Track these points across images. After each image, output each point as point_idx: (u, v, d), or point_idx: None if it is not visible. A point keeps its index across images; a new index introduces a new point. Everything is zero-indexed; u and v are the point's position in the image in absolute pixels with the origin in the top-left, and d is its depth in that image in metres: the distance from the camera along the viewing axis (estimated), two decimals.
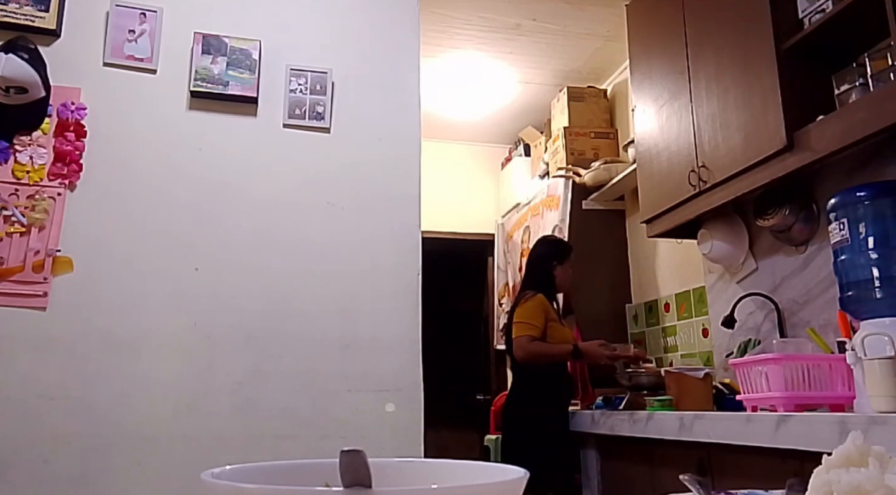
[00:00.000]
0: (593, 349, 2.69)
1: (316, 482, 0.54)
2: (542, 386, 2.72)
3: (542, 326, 2.69)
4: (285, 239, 2.29)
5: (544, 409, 2.69)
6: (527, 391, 2.76)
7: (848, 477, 0.50)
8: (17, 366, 1.99)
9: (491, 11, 3.39)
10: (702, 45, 2.49)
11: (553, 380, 2.73)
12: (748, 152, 2.19)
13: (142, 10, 2.30)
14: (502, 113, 4.49)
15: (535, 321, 2.70)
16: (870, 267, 1.69)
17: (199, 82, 2.30)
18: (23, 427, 1.96)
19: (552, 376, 2.73)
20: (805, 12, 2.07)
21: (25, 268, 2.03)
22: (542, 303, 2.75)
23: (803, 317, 2.39)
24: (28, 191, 2.09)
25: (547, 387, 2.72)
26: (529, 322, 2.70)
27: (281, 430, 2.13)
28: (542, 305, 2.74)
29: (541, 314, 2.72)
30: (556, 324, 2.76)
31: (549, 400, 2.71)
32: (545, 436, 2.63)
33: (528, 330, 2.69)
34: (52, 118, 2.15)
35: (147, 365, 2.09)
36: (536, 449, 2.59)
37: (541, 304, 2.75)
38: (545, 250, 2.96)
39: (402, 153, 2.47)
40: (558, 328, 2.76)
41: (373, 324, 2.30)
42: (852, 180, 2.11)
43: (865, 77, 1.92)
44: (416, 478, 0.60)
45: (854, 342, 1.63)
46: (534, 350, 2.67)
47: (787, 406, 1.74)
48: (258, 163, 2.33)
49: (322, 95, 2.42)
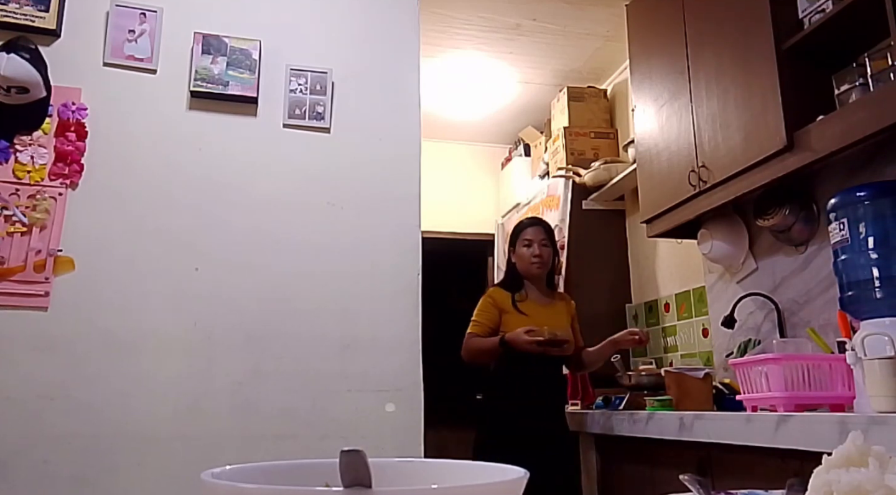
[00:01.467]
0: (516, 337, 2.44)
1: (316, 482, 0.54)
2: (494, 384, 2.57)
3: (489, 321, 2.56)
4: (285, 239, 2.29)
5: (496, 406, 2.54)
6: (484, 389, 2.64)
7: (848, 477, 0.50)
8: (18, 365, 1.99)
9: (491, 11, 3.39)
10: (702, 45, 2.49)
11: (510, 377, 2.51)
12: (748, 152, 2.19)
13: (142, 10, 2.30)
14: (502, 113, 4.49)
15: (479, 317, 2.58)
16: (870, 267, 1.69)
17: (199, 82, 2.30)
18: (23, 427, 1.96)
19: (509, 373, 2.52)
20: (805, 12, 2.07)
21: (27, 268, 2.03)
22: (489, 297, 2.63)
23: (803, 317, 2.39)
24: (29, 191, 2.09)
25: (497, 384, 2.55)
26: (474, 319, 2.59)
27: (281, 430, 2.13)
28: (489, 299, 2.62)
29: (488, 308, 2.59)
30: (515, 316, 2.55)
31: (500, 398, 2.53)
32: (493, 435, 2.48)
33: (470, 327, 2.58)
34: (53, 118, 2.15)
35: (147, 365, 2.09)
36: (480, 449, 2.50)
37: (488, 299, 2.62)
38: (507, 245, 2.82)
39: (402, 153, 2.47)
40: (517, 320, 2.54)
41: (373, 324, 2.30)
42: (852, 180, 2.11)
43: (865, 77, 1.92)
44: (416, 478, 0.60)
45: (854, 342, 1.63)
46: (467, 346, 2.55)
47: (787, 406, 1.74)
48: (258, 164, 2.33)
49: (322, 95, 2.42)
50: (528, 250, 2.62)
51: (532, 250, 2.61)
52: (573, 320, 2.73)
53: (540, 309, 2.62)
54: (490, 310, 2.59)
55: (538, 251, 2.61)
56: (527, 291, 2.64)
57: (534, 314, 2.57)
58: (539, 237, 2.63)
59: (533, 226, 2.69)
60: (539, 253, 2.61)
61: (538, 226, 2.69)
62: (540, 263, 2.62)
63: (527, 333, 2.43)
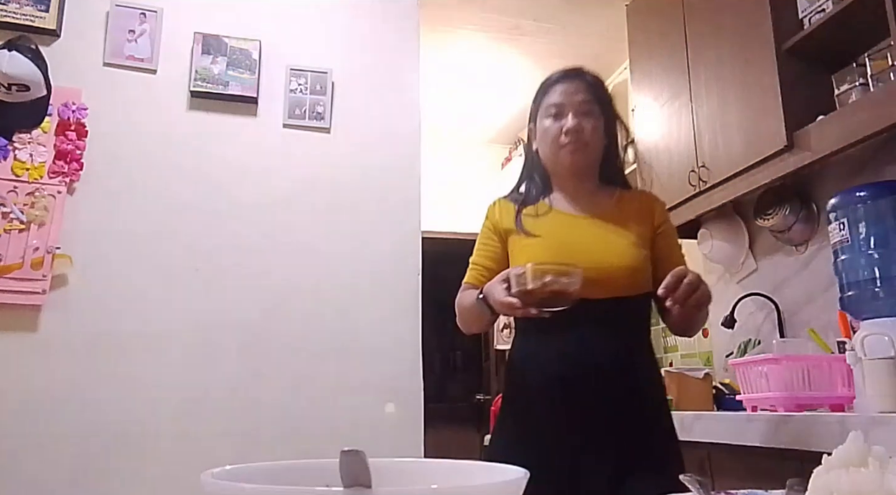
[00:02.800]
0: (490, 291, 1.33)
1: (316, 482, 0.54)
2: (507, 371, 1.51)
3: (489, 259, 1.49)
4: (285, 238, 2.29)
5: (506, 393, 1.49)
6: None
7: (848, 477, 0.50)
8: (16, 363, 1.99)
9: (491, 11, 3.39)
10: (702, 45, 2.49)
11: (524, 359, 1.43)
12: (748, 152, 2.19)
13: (142, 10, 2.30)
14: (502, 113, 4.49)
15: (476, 254, 1.53)
16: (870, 267, 1.69)
17: (199, 82, 2.30)
18: (22, 425, 1.95)
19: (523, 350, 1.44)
20: (805, 12, 2.07)
21: (24, 265, 2.03)
22: (488, 217, 1.53)
23: (803, 317, 2.39)
24: (27, 189, 2.09)
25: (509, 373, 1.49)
26: (471, 259, 1.54)
27: (281, 430, 2.13)
28: (486, 222, 1.53)
29: (485, 237, 1.52)
30: (520, 241, 1.45)
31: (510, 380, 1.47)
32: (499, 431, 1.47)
33: (466, 275, 1.53)
34: (53, 118, 2.15)
35: (147, 364, 2.08)
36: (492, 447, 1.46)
37: (486, 221, 1.53)
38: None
39: (402, 153, 2.47)
40: (522, 248, 1.44)
41: (373, 324, 2.29)
42: (852, 180, 2.11)
43: (865, 77, 1.92)
44: (416, 478, 0.60)
45: (854, 342, 1.63)
46: (457, 307, 1.53)
47: (787, 406, 1.74)
48: (258, 164, 2.33)
49: (322, 95, 2.42)
50: (556, 124, 1.44)
51: (562, 123, 1.43)
52: (662, 237, 1.49)
53: (570, 222, 1.45)
54: (489, 240, 1.51)
55: (573, 123, 1.42)
56: (552, 199, 1.50)
57: (553, 232, 1.44)
58: (576, 99, 1.45)
59: (564, 82, 1.49)
60: (575, 126, 1.42)
61: (575, 81, 1.49)
62: (576, 146, 1.43)
63: (502, 283, 1.29)
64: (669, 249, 1.50)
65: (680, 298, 1.21)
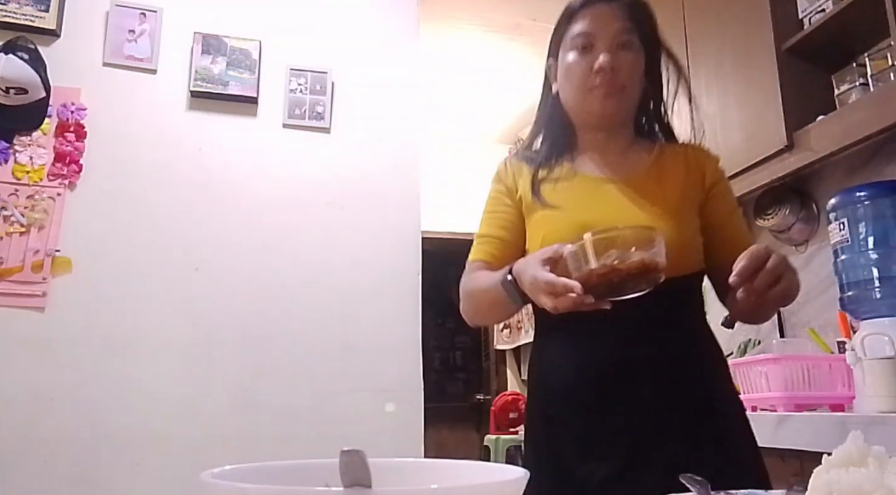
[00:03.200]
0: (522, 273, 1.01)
1: (316, 482, 0.54)
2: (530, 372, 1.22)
3: (503, 229, 1.20)
4: (285, 239, 2.29)
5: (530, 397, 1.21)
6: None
7: (848, 477, 0.50)
8: (17, 366, 1.99)
9: (491, 11, 3.39)
10: (702, 45, 2.49)
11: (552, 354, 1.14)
12: (748, 152, 2.19)
13: (142, 10, 2.30)
14: (502, 113, 4.49)
15: (483, 226, 1.24)
16: (870, 267, 1.69)
17: (199, 82, 2.30)
18: (23, 427, 1.96)
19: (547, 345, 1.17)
20: (805, 12, 2.07)
21: (25, 268, 2.03)
22: (498, 180, 1.27)
23: (803, 317, 2.39)
24: (28, 192, 2.09)
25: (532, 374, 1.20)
26: (477, 235, 1.25)
27: (281, 430, 2.13)
28: (498, 185, 1.26)
29: (495, 200, 1.24)
30: (537, 213, 1.16)
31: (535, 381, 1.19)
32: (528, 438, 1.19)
33: (471, 253, 1.23)
34: (52, 118, 2.15)
35: (146, 365, 2.09)
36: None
37: (496, 185, 1.27)
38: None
39: (402, 153, 2.47)
40: (539, 219, 1.16)
41: (373, 324, 2.30)
42: (852, 180, 2.11)
43: (865, 77, 1.92)
44: (416, 478, 0.60)
45: (854, 342, 1.63)
46: (463, 290, 1.21)
47: (787, 406, 1.74)
48: (258, 163, 2.33)
49: (322, 95, 2.42)
50: (584, 59, 1.14)
51: (592, 59, 1.13)
52: (715, 200, 1.19)
53: (597, 188, 1.16)
54: (500, 205, 1.23)
55: (606, 60, 1.12)
56: (576, 159, 1.22)
57: (576, 203, 1.15)
58: (611, 28, 1.15)
59: (597, 4, 1.16)
60: (609, 63, 1.12)
61: (611, 3, 1.17)
62: (610, 89, 1.13)
63: (544, 264, 0.95)
64: (727, 216, 1.18)
65: (761, 289, 0.90)
